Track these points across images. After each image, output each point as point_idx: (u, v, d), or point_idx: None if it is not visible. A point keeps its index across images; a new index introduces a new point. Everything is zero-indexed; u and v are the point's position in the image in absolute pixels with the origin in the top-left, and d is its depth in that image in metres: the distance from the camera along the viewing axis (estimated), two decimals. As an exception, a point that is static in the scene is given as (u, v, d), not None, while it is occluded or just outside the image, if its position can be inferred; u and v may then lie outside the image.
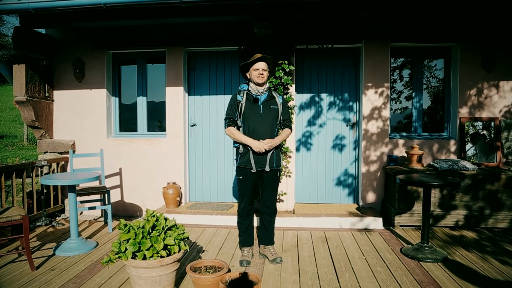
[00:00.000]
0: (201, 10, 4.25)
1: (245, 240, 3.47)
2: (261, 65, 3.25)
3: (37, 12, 3.93)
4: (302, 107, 5.07)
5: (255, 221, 4.15)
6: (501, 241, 3.91)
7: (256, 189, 3.49)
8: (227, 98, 5.05)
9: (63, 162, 5.13)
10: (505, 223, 4.22)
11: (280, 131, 3.51)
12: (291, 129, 3.49)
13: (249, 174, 3.30)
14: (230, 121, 3.32)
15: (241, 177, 3.33)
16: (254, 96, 3.30)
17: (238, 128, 3.35)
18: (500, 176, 4.20)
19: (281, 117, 3.43)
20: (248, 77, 3.35)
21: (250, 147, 3.24)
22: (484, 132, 4.71)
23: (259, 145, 3.19)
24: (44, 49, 5.02)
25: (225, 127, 3.34)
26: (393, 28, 4.70)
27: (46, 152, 5.14)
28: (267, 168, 3.31)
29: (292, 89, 4.80)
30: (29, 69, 4.71)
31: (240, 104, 3.29)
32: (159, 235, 2.66)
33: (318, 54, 4.99)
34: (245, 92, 3.33)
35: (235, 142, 3.37)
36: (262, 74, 3.25)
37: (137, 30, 5.03)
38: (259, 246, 3.59)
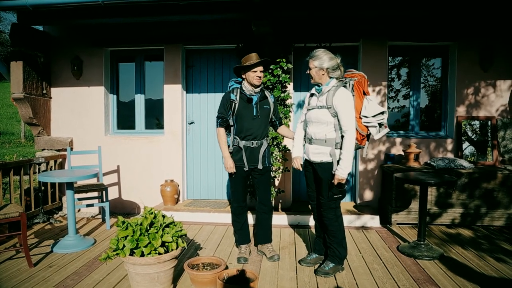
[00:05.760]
0: (199, 8, 4.25)
1: (241, 238, 3.48)
2: (260, 68, 3.22)
3: (35, 9, 3.92)
4: (300, 105, 5.07)
5: (250, 218, 4.16)
6: (496, 239, 3.94)
7: (250, 187, 3.48)
8: (225, 96, 5.05)
9: (60, 160, 5.13)
10: (501, 221, 4.25)
11: (278, 129, 3.54)
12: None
13: (241, 172, 3.30)
14: (222, 120, 3.30)
15: (233, 175, 3.33)
16: (248, 95, 3.27)
17: (229, 127, 3.33)
18: (496, 175, 4.23)
19: (273, 117, 3.45)
20: (243, 77, 3.29)
21: (242, 146, 3.27)
22: (481, 131, 4.74)
23: (228, 166, 3.24)
24: (42, 46, 5.01)
25: (217, 126, 3.33)
26: (391, 27, 4.71)
27: (44, 149, 5.13)
28: (260, 166, 3.31)
29: (290, 87, 4.80)
30: (26, 66, 4.69)
31: (233, 103, 3.26)
32: (157, 232, 2.67)
33: (316, 53, 4.99)
34: (238, 91, 3.28)
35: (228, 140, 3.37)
36: (260, 76, 3.22)
37: (135, 27, 5.02)
38: (257, 244, 3.60)
